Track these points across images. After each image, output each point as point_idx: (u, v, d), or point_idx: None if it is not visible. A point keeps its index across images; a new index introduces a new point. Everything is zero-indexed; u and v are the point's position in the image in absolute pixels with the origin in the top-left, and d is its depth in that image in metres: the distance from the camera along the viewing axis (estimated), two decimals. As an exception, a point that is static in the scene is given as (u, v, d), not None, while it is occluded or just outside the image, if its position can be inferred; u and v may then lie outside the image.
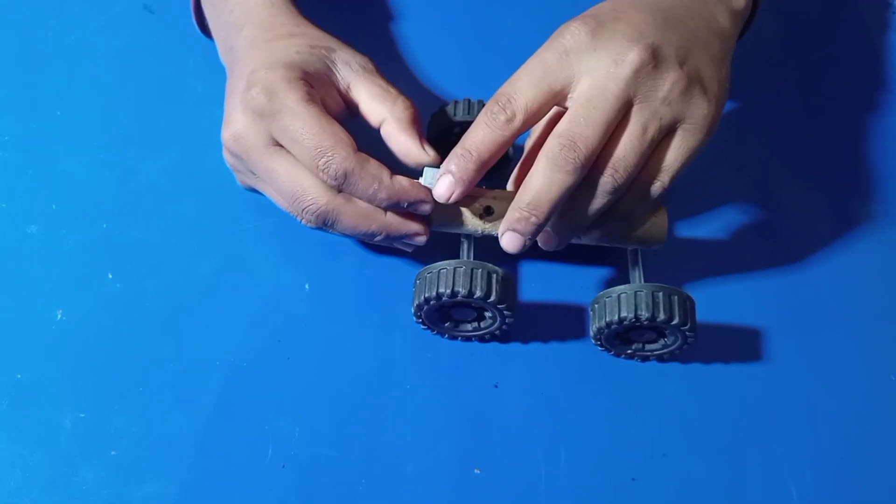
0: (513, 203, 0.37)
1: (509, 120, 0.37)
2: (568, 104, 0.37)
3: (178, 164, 0.49)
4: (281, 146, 0.39)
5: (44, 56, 0.53)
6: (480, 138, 0.37)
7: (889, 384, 0.44)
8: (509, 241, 0.38)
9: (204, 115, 0.50)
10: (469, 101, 0.46)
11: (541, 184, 0.36)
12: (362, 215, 0.39)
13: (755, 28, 0.46)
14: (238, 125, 0.39)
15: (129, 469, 0.39)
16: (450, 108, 0.46)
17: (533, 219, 0.37)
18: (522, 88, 0.37)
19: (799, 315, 0.45)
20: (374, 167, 0.38)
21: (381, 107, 0.41)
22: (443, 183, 0.38)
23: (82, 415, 0.41)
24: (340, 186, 0.38)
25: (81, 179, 0.48)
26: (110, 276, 0.45)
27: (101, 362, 0.42)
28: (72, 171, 0.48)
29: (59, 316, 0.43)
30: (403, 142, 0.40)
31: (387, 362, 0.43)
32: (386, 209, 0.40)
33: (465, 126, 0.45)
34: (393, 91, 0.41)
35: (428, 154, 0.40)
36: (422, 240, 0.41)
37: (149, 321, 0.43)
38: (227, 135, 0.39)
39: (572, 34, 0.37)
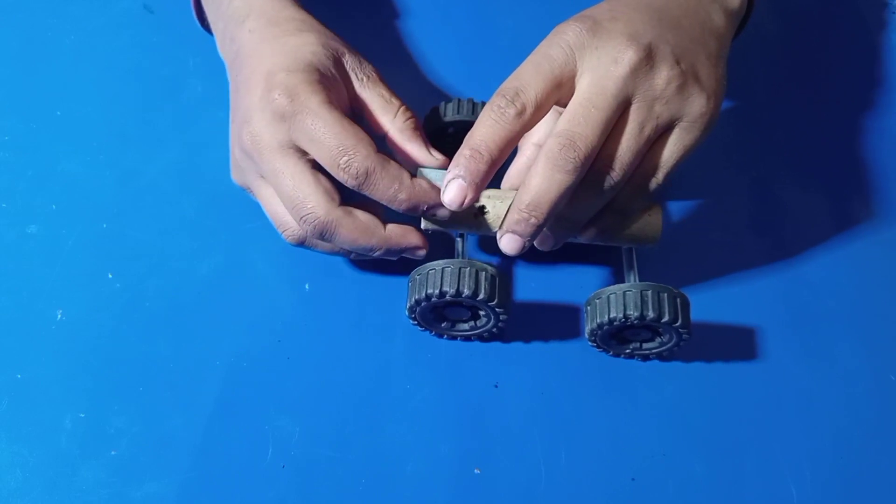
0: (512, 205, 0.37)
1: (520, 113, 0.36)
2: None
3: (178, 164, 0.49)
4: (295, 150, 0.39)
5: (44, 56, 0.53)
6: (490, 136, 0.36)
7: (889, 384, 0.44)
8: (508, 244, 0.38)
9: (204, 115, 0.50)
10: (459, 100, 0.46)
11: (540, 184, 0.36)
12: (361, 229, 0.39)
13: (754, 27, 0.46)
14: (256, 125, 0.39)
15: (129, 469, 0.39)
16: (441, 109, 0.46)
17: (533, 220, 0.36)
18: (531, 81, 0.36)
19: (798, 314, 0.45)
20: (395, 168, 0.38)
21: (384, 118, 0.42)
22: (453, 188, 0.37)
23: (82, 415, 0.41)
24: (361, 186, 0.38)
25: (81, 179, 0.48)
26: (110, 276, 0.45)
27: (101, 362, 0.42)
28: (72, 171, 0.48)
29: (59, 316, 0.43)
30: (411, 150, 0.41)
31: (387, 362, 0.43)
32: (404, 211, 0.39)
33: (457, 126, 0.45)
34: (395, 102, 0.42)
35: (436, 158, 0.41)
36: (422, 253, 0.42)
37: (149, 321, 0.43)
38: (245, 133, 0.39)
39: (574, 31, 0.37)
